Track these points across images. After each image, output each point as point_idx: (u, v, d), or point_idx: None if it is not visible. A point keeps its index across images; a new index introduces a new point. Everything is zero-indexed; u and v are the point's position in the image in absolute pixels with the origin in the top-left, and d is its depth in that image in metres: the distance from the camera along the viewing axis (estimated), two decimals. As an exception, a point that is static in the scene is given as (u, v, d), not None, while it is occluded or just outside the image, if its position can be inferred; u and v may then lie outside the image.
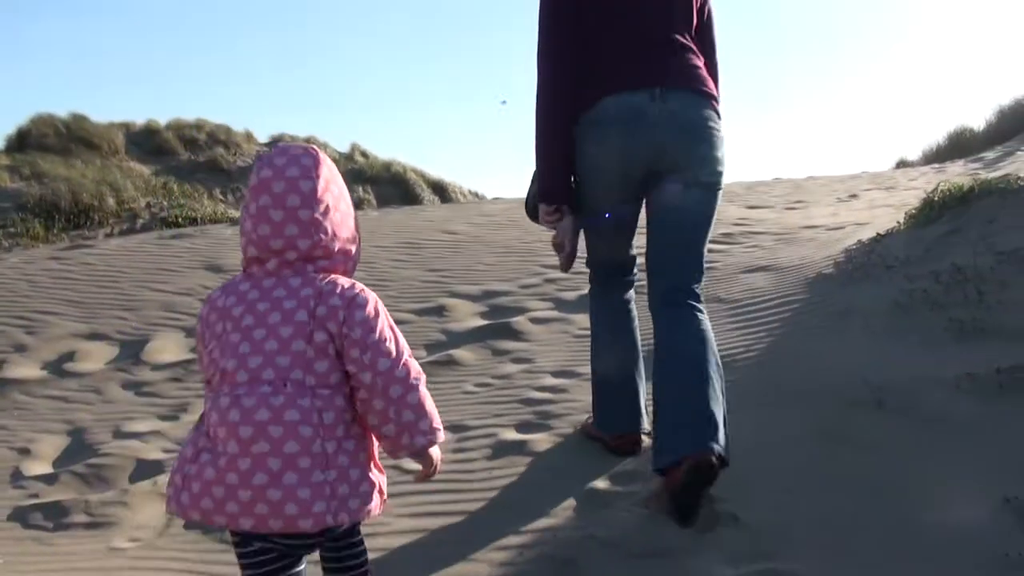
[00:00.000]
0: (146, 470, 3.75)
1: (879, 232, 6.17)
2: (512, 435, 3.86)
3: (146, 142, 20.67)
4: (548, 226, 3.39)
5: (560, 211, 3.32)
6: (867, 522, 2.90)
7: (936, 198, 6.07)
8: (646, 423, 3.57)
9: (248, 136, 22.93)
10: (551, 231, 3.40)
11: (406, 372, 2.05)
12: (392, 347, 2.05)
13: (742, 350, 4.55)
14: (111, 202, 13.60)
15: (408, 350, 2.10)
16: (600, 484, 3.33)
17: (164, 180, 17.54)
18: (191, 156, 20.84)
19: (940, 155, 18.11)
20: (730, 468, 2.99)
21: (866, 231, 6.63)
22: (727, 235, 7.47)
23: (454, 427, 4.02)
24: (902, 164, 19.19)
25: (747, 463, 3.34)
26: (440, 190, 22.32)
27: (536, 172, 3.37)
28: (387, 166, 22.19)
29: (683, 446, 2.94)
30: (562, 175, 3.31)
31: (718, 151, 3.23)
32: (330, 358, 2.01)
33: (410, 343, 2.42)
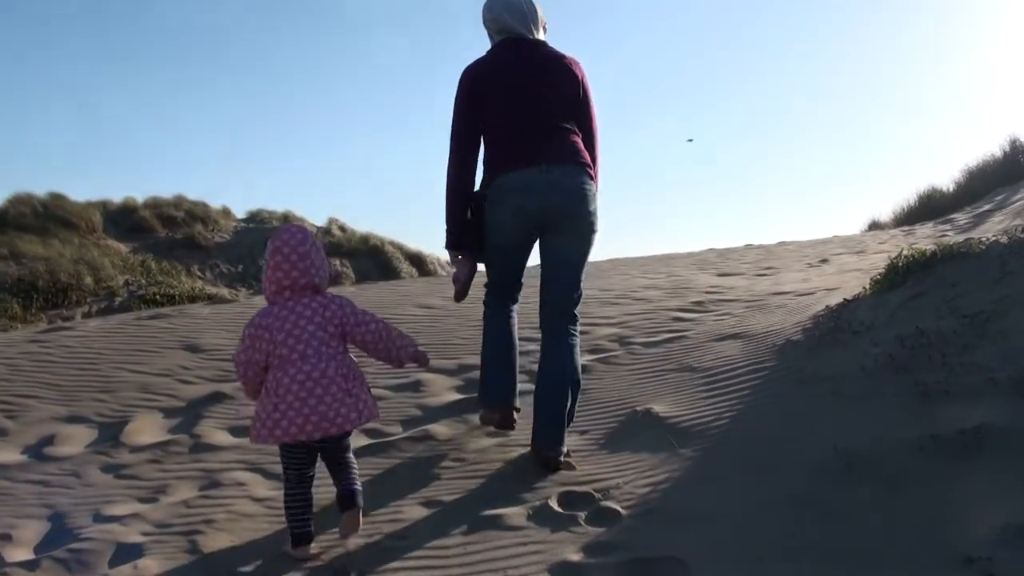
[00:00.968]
0: (126, 554, 3.75)
1: (846, 298, 6.28)
2: (488, 510, 3.90)
3: (124, 220, 20.73)
4: (454, 265, 4.61)
5: (462, 256, 4.56)
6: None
7: (900, 263, 6.16)
8: (516, 401, 4.68)
9: (226, 212, 23.06)
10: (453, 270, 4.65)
11: (385, 325, 3.79)
12: (373, 319, 3.76)
13: (713, 418, 4.62)
14: (89, 281, 13.65)
15: (380, 317, 3.80)
16: (574, 557, 3.39)
17: (142, 258, 17.60)
18: (169, 233, 20.91)
19: (911, 216, 18.39)
20: (702, 534, 3.13)
21: (835, 296, 6.74)
22: (698, 303, 7.58)
23: (429, 503, 4.07)
24: (874, 226, 19.48)
25: (719, 530, 3.40)
26: (418, 262, 22.44)
27: (446, 228, 4.49)
28: (365, 239, 22.34)
29: (540, 438, 4.33)
30: (463, 230, 4.48)
31: (591, 207, 4.38)
32: (337, 338, 3.65)
33: (386, 418, 4.60)
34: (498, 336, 4.61)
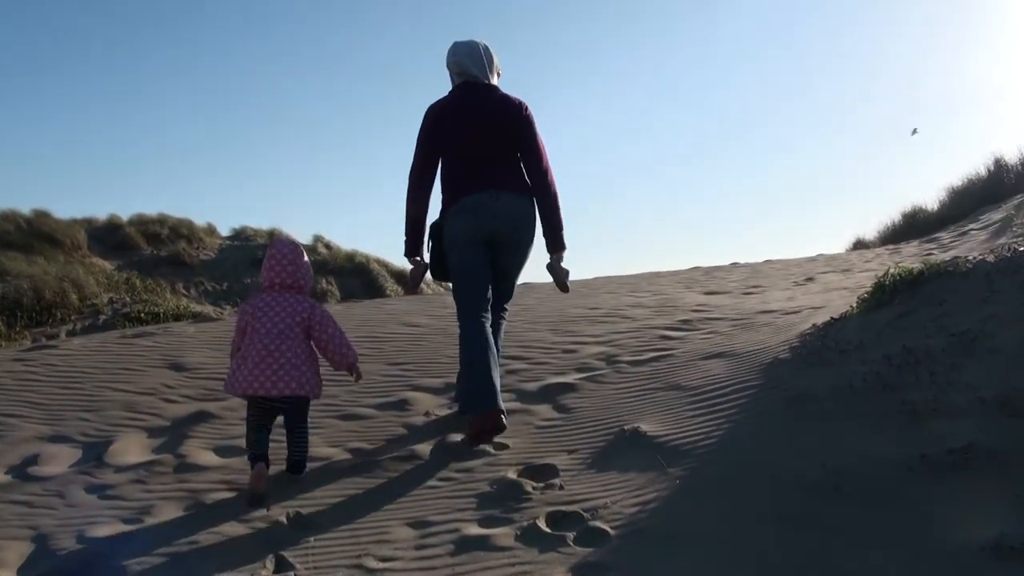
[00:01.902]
0: (109, 576, 3.72)
1: (833, 316, 6.28)
2: (475, 530, 3.88)
3: (108, 237, 20.66)
4: (411, 266, 5.61)
5: (417, 260, 5.54)
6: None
7: (887, 282, 6.16)
8: (501, 402, 5.10)
9: (211, 230, 22.99)
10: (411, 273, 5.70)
11: (341, 336, 4.90)
12: (334, 327, 4.88)
13: (701, 437, 4.61)
14: (74, 298, 13.56)
15: (341, 329, 4.94)
16: (563, 577, 3.37)
17: (127, 275, 17.51)
18: (153, 251, 20.85)
19: (896, 234, 18.43)
20: (691, 554, 3.19)
21: (821, 315, 6.74)
22: (686, 322, 7.57)
23: (416, 523, 4.04)
24: (859, 244, 19.50)
25: (708, 549, 3.39)
26: (404, 280, 22.37)
27: (404, 241, 5.49)
28: (350, 257, 22.28)
29: (481, 404, 5.03)
30: (418, 239, 5.49)
31: (532, 231, 5.44)
32: (304, 329, 4.79)
33: (371, 438, 4.93)
34: (472, 338, 5.20)
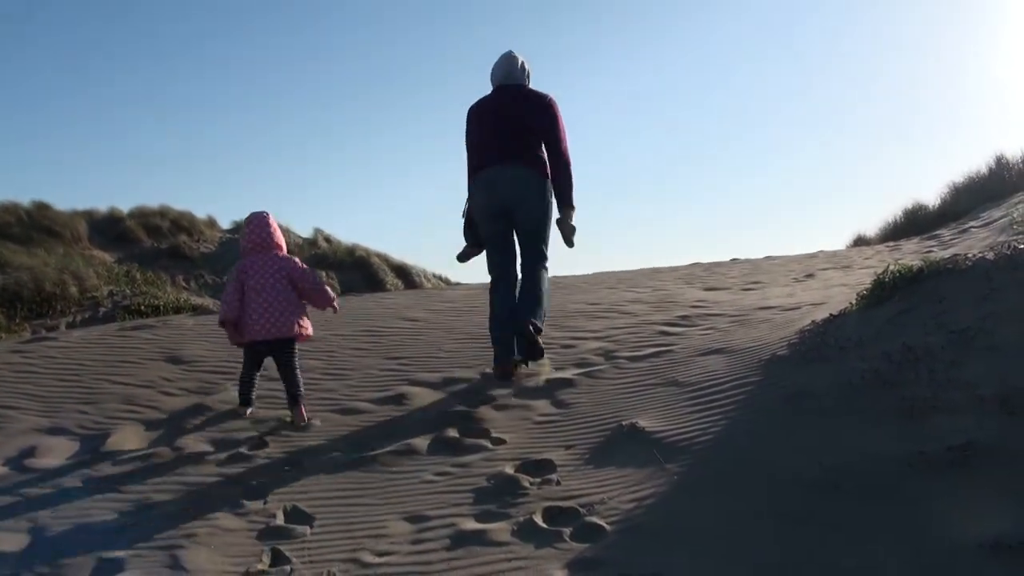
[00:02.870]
0: (107, 568, 3.71)
1: (832, 313, 6.26)
2: (471, 524, 3.87)
3: (109, 229, 20.64)
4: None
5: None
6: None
7: (887, 279, 6.14)
8: (514, 355, 6.09)
9: (211, 223, 22.97)
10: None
11: (321, 284, 5.95)
12: (313, 276, 5.91)
13: (699, 433, 4.60)
14: (74, 290, 13.55)
15: (319, 279, 5.97)
16: (559, 573, 3.36)
17: (127, 268, 17.49)
18: (154, 243, 20.83)
19: (897, 231, 18.39)
20: (687, 550, 3.21)
21: (821, 311, 6.72)
22: (684, 317, 7.56)
23: (412, 517, 4.04)
24: (860, 241, 19.47)
25: (704, 546, 3.38)
26: (404, 274, 22.38)
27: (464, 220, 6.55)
28: (350, 251, 22.26)
29: (521, 314, 6.09)
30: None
31: (535, 190, 6.25)
32: (291, 282, 5.75)
33: (368, 433, 5.06)
34: (500, 300, 6.28)
